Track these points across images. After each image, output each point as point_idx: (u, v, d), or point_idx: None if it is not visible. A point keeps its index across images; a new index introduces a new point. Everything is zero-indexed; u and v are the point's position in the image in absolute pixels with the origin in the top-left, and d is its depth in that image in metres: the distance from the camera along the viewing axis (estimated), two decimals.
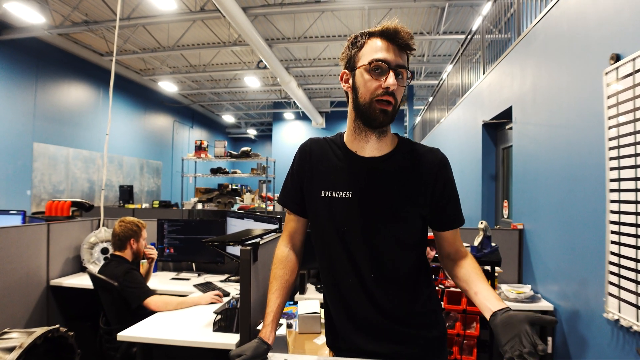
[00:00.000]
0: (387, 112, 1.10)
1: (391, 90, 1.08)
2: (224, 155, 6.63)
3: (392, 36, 1.09)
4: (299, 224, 1.32)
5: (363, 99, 1.11)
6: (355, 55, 1.13)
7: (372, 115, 1.11)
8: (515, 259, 3.19)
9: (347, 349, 1.24)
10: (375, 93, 1.09)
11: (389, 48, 1.09)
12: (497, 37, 4.83)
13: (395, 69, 1.08)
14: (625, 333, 1.88)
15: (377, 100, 1.09)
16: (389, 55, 1.08)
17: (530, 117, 3.14)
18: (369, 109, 1.10)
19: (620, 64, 1.91)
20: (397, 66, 1.09)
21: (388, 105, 1.09)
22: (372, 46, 1.10)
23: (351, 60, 1.14)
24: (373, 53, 1.09)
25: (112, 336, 2.21)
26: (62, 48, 9.13)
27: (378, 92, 1.09)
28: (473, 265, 1.19)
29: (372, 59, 1.09)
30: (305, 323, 2.00)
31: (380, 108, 1.09)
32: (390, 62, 1.08)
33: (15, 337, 1.17)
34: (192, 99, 15.63)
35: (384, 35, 1.10)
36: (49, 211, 3.77)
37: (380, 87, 1.08)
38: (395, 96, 1.09)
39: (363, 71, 1.10)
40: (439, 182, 1.16)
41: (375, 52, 1.09)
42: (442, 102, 8.30)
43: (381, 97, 1.08)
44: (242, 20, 6.94)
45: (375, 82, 1.09)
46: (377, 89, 1.09)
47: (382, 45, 1.10)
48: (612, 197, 1.97)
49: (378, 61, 1.08)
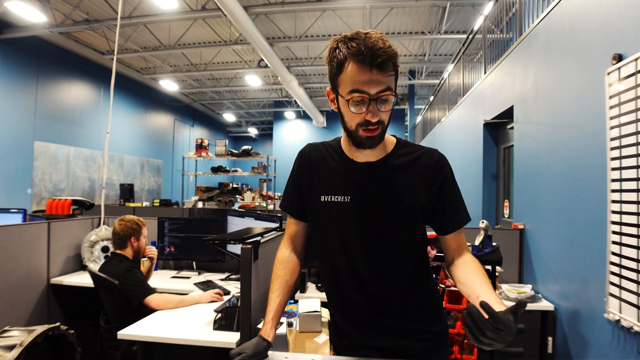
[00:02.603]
0: (373, 137, 1.08)
1: (375, 121, 1.05)
2: (225, 154, 6.64)
3: (369, 60, 0.99)
4: (300, 227, 1.34)
5: (349, 126, 1.09)
6: (336, 77, 1.07)
7: (359, 141, 1.10)
8: (516, 258, 3.19)
9: (351, 346, 1.27)
10: (360, 123, 1.06)
11: (367, 75, 1.01)
12: (499, 36, 4.81)
13: (376, 98, 1.03)
14: (626, 333, 1.88)
15: (363, 128, 1.07)
16: (369, 86, 1.01)
17: (532, 117, 3.14)
18: (355, 135, 1.09)
19: (623, 64, 1.90)
20: (378, 93, 1.02)
21: (374, 131, 1.07)
22: (351, 73, 1.02)
23: (333, 81, 1.09)
24: (351, 83, 1.02)
25: (113, 334, 2.21)
26: (63, 47, 9.14)
27: (362, 122, 1.06)
28: (476, 268, 1.14)
29: (352, 92, 1.03)
30: (306, 322, 1.99)
31: (366, 135, 1.08)
32: (370, 94, 1.02)
33: (15, 335, 1.17)
34: (193, 98, 15.64)
35: (361, 60, 1.00)
36: (50, 209, 3.77)
37: (363, 117, 1.05)
38: (381, 122, 1.07)
39: (344, 101, 1.06)
40: (435, 184, 1.16)
41: (354, 83, 1.02)
42: (443, 101, 8.29)
43: (366, 126, 1.06)
44: (243, 19, 6.94)
45: (357, 115, 1.05)
46: (360, 120, 1.06)
47: (360, 72, 1.01)
48: (614, 198, 1.97)
49: (357, 93, 1.02)
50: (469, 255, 1.19)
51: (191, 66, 11.64)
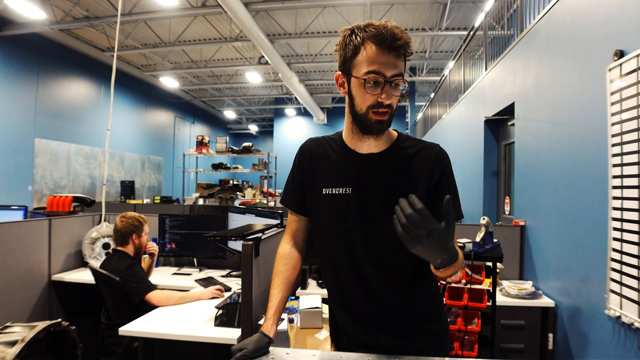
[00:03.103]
0: (383, 121, 1.10)
1: (387, 103, 1.07)
2: (225, 151, 6.63)
3: (390, 42, 1.03)
4: (301, 222, 1.34)
5: (359, 109, 1.10)
6: (351, 60, 1.09)
7: (369, 125, 1.11)
8: (516, 255, 3.19)
9: (350, 343, 1.26)
10: (372, 105, 1.08)
11: (385, 56, 1.04)
12: (500, 33, 4.80)
13: (391, 81, 1.06)
14: (626, 330, 1.88)
15: (374, 111, 1.08)
16: (386, 67, 1.05)
17: (533, 114, 3.13)
18: (365, 118, 1.10)
19: (624, 60, 1.90)
20: (393, 77, 1.05)
21: (384, 115, 1.09)
22: (368, 54, 1.05)
23: (346, 64, 1.11)
24: (369, 64, 1.05)
25: (114, 331, 2.22)
26: (63, 44, 9.12)
27: (374, 104, 1.08)
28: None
29: (368, 72, 1.05)
30: (307, 318, 2.00)
31: (376, 119, 1.09)
32: (386, 75, 1.05)
33: (17, 332, 1.18)
34: (193, 95, 15.64)
35: (380, 41, 1.04)
36: (51, 206, 3.77)
37: (376, 99, 1.07)
38: (391, 106, 1.09)
39: (358, 82, 1.08)
40: (433, 178, 1.15)
41: (371, 63, 1.05)
42: (444, 98, 8.27)
43: (377, 109, 1.08)
44: (243, 15, 6.93)
45: (371, 95, 1.07)
46: (373, 102, 1.08)
47: (379, 53, 1.04)
48: (615, 194, 1.97)
49: (374, 74, 1.05)
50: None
51: (191, 63, 11.63)
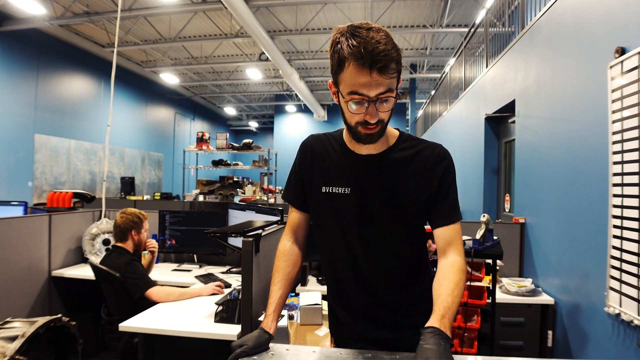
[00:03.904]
0: (372, 134, 1.07)
1: (373, 122, 1.04)
2: (226, 147, 6.63)
3: (370, 63, 0.96)
4: (302, 219, 1.34)
5: (348, 122, 1.09)
6: (337, 73, 1.04)
7: (359, 137, 1.09)
8: (516, 252, 3.20)
9: (350, 337, 1.28)
10: (359, 122, 1.06)
11: (367, 77, 0.98)
12: (501, 30, 4.79)
13: (375, 100, 1.01)
14: (626, 327, 1.88)
15: (362, 127, 1.07)
16: (368, 88, 0.99)
17: (534, 111, 3.13)
18: (355, 131, 1.09)
19: (625, 57, 1.89)
20: (378, 95, 1.00)
21: (373, 129, 1.07)
22: (350, 74, 0.99)
23: (334, 75, 1.07)
24: (351, 85, 1.00)
25: (114, 327, 2.22)
26: (63, 39, 9.10)
27: (361, 122, 1.05)
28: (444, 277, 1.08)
29: (350, 93, 1.01)
30: (307, 314, 2.01)
31: (365, 132, 1.07)
32: (370, 96, 1.00)
33: (17, 327, 1.18)
34: (193, 91, 15.61)
35: (361, 61, 0.97)
36: (51, 202, 3.77)
37: (362, 117, 1.04)
38: (380, 121, 1.06)
39: (343, 100, 1.05)
40: (435, 179, 1.15)
41: (353, 84, 1.00)
42: (444, 95, 8.26)
43: (365, 125, 1.06)
44: (244, 11, 6.91)
45: (357, 114, 1.04)
46: (360, 119, 1.05)
47: (359, 75, 0.98)
48: (615, 192, 1.97)
49: (356, 95, 1.01)
50: (452, 258, 1.12)
51: (192, 59, 11.61)
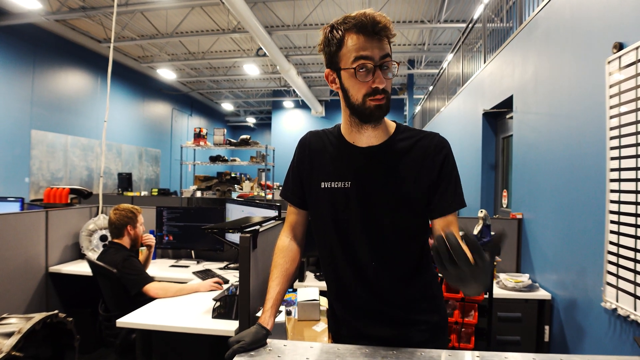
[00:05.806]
0: (381, 106, 1.09)
1: (381, 89, 1.06)
2: (223, 143, 6.61)
3: (370, 27, 1.03)
4: (300, 216, 1.34)
5: (355, 99, 1.09)
6: (336, 54, 1.09)
7: (368, 113, 1.10)
8: (514, 248, 3.20)
9: (349, 334, 1.27)
10: (367, 93, 1.07)
11: (370, 42, 1.04)
12: (499, 25, 4.79)
13: (380, 65, 1.05)
14: (622, 322, 1.89)
15: (370, 98, 1.08)
16: (372, 52, 1.04)
17: (531, 107, 3.13)
18: (363, 107, 1.09)
19: (623, 52, 1.89)
20: (382, 59, 1.05)
21: (382, 100, 1.08)
22: (352, 44, 1.05)
23: (333, 59, 1.11)
24: (354, 52, 1.05)
25: (112, 322, 2.22)
26: (60, 34, 9.04)
27: (369, 92, 1.07)
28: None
29: (356, 60, 1.05)
30: (304, 310, 2.00)
31: (374, 104, 1.08)
32: (375, 59, 1.04)
33: (14, 323, 1.17)
34: (190, 87, 15.55)
35: (362, 28, 1.03)
36: (48, 198, 3.76)
37: (370, 87, 1.06)
38: (386, 90, 1.08)
39: (349, 74, 1.07)
40: (435, 167, 1.14)
41: (357, 51, 1.04)
42: (442, 91, 8.26)
43: (373, 95, 1.07)
44: (241, 7, 6.87)
45: (364, 84, 1.06)
46: (367, 89, 1.07)
47: (363, 40, 1.04)
48: (612, 187, 1.97)
49: (362, 60, 1.04)
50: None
51: (189, 55, 11.54)
